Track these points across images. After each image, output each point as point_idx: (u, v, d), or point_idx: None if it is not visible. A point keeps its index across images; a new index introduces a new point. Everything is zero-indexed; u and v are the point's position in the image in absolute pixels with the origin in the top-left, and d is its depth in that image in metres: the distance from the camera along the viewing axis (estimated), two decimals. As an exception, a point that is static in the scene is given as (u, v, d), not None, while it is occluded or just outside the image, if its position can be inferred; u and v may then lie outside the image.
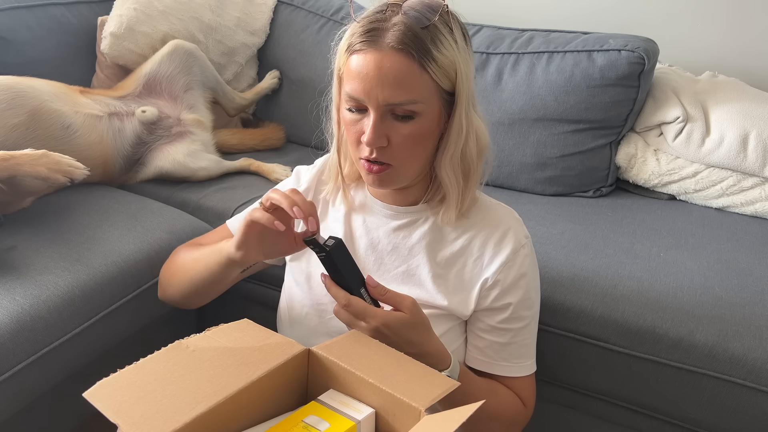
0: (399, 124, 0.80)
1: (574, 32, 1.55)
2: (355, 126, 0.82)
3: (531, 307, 0.92)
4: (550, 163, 1.52)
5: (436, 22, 0.78)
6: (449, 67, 0.80)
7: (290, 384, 0.72)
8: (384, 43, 0.77)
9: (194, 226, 1.32)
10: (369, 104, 0.79)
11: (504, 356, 0.91)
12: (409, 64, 0.77)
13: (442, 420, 0.60)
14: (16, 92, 1.25)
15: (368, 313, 0.76)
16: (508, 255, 0.88)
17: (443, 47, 0.79)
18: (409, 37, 0.77)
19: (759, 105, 1.45)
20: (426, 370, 0.71)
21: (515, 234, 0.90)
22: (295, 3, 1.81)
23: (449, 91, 0.82)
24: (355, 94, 0.79)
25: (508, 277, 0.89)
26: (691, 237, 1.33)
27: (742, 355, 1.02)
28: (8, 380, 0.97)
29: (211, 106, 1.63)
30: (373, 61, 0.77)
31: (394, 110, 0.79)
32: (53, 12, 1.61)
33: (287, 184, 1.03)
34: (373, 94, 0.78)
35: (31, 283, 1.05)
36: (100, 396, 0.60)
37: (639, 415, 1.15)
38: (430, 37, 0.78)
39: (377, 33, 0.78)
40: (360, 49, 0.78)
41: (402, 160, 0.83)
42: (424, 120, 0.81)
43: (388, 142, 0.81)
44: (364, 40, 0.78)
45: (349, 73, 0.80)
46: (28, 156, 1.10)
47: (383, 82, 0.77)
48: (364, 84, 0.78)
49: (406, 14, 0.78)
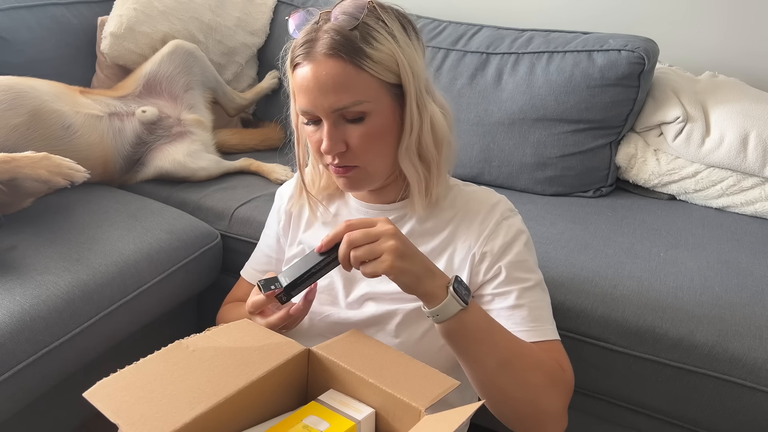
0: (352, 126, 0.81)
1: (574, 32, 1.55)
2: (314, 136, 0.84)
3: (530, 271, 0.88)
4: (550, 163, 1.52)
5: (366, 20, 0.79)
6: (388, 60, 0.80)
7: (290, 384, 0.72)
8: (316, 52, 0.79)
9: (194, 226, 1.32)
10: (318, 114, 0.81)
11: (517, 321, 0.85)
12: (343, 67, 0.78)
13: (442, 420, 0.60)
14: (16, 92, 1.25)
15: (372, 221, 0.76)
16: (491, 227, 0.88)
17: (377, 42, 0.79)
18: (337, 41, 0.78)
19: (759, 105, 1.45)
20: (426, 370, 0.71)
21: (497, 209, 0.90)
22: (295, 3, 1.81)
23: (397, 84, 0.82)
24: (303, 107, 0.82)
25: (495, 246, 0.88)
26: (691, 237, 1.33)
27: (742, 355, 1.02)
28: (8, 380, 0.97)
29: (211, 106, 1.63)
30: (311, 72, 0.79)
31: (343, 114, 0.81)
32: (53, 12, 1.61)
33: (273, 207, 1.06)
34: (318, 103, 0.80)
35: (31, 283, 1.05)
36: (100, 396, 0.60)
37: (639, 415, 1.15)
38: (361, 35, 0.79)
39: (311, 44, 0.80)
40: (299, 63, 0.81)
41: (366, 160, 0.84)
42: (377, 117, 0.82)
43: (347, 147, 0.82)
44: (300, 54, 0.80)
45: (296, 88, 0.82)
46: (29, 158, 1.10)
47: (323, 90, 0.79)
48: (308, 96, 0.80)
49: (335, 20, 0.80)
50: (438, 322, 0.76)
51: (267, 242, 1.06)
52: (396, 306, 0.89)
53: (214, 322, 1.06)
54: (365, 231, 0.74)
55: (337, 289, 0.93)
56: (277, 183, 1.50)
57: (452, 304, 0.74)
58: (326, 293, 0.94)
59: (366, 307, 0.91)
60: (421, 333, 0.89)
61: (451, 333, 0.76)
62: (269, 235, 1.06)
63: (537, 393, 0.79)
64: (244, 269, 1.09)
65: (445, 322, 0.75)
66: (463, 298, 0.74)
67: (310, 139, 0.85)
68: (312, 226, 0.99)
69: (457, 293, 0.74)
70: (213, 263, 1.35)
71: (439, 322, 0.75)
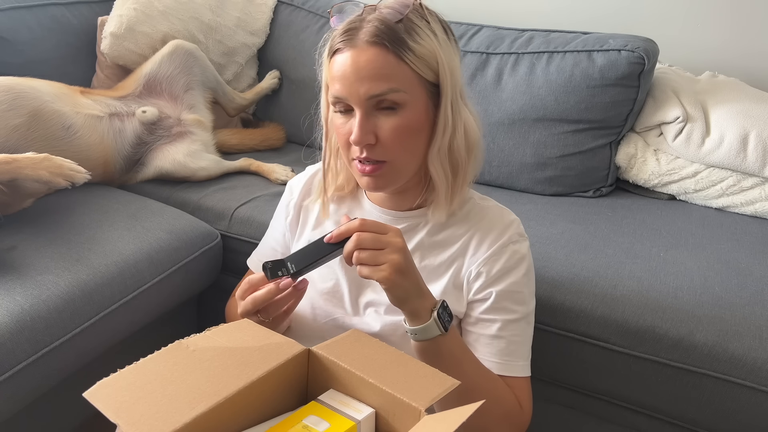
0: (384, 117, 0.81)
1: (574, 32, 1.55)
2: (344, 128, 0.83)
3: (521, 303, 0.89)
4: (550, 163, 1.52)
5: (411, 15, 0.80)
6: (429, 57, 0.81)
7: (290, 384, 0.72)
8: (359, 39, 0.79)
9: (194, 226, 1.32)
10: (352, 101, 0.80)
11: (493, 351, 0.88)
12: (384, 55, 0.79)
13: (442, 420, 0.60)
14: (17, 93, 1.25)
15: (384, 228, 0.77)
16: (494, 249, 0.88)
17: (419, 38, 0.80)
18: (381, 30, 0.79)
19: (759, 105, 1.45)
20: (426, 370, 0.71)
21: (507, 231, 0.90)
22: (295, 3, 1.81)
23: (434, 82, 0.82)
24: (338, 93, 0.81)
25: (493, 269, 0.88)
26: (691, 237, 1.33)
27: (742, 355, 1.02)
28: (8, 380, 0.97)
29: (211, 106, 1.63)
30: (350, 58, 0.79)
31: (377, 103, 0.80)
32: (53, 12, 1.61)
33: (283, 198, 1.05)
34: (354, 89, 0.79)
35: (31, 283, 1.05)
36: (100, 396, 0.60)
37: (639, 415, 1.15)
38: (405, 28, 0.80)
39: (353, 32, 0.80)
40: (338, 49, 0.81)
41: (394, 155, 0.83)
42: (410, 111, 0.81)
43: (377, 139, 0.81)
44: (342, 40, 0.80)
45: (332, 76, 0.82)
46: (30, 159, 1.10)
47: (361, 76, 0.79)
48: (344, 82, 0.80)
49: (380, 11, 0.81)
50: (415, 340, 0.79)
51: (273, 235, 1.06)
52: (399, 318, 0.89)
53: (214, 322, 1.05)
54: (375, 236, 0.75)
55: (343, 293, 0.93)
56: (277, 183, 1.50)
57: (432, 328, 0.78)
58: (332, 296, 0.93)
59: (368, 317, 0.91)
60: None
61: (424, 352, 0.80)
62: (276, 228, 1.05)
63: (489, 425, 0.84)
64: (250, 259, 1.08)
65: (422, 342, 0.79)
66: (444, 324, 0.78)
67: (339, 132, 0.84)
68: (321, 225, 0.98)
69: (440, 319, 0.78)
70: (213, 263, 1.35)
71: (416, 341, 0.79)
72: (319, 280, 0.94)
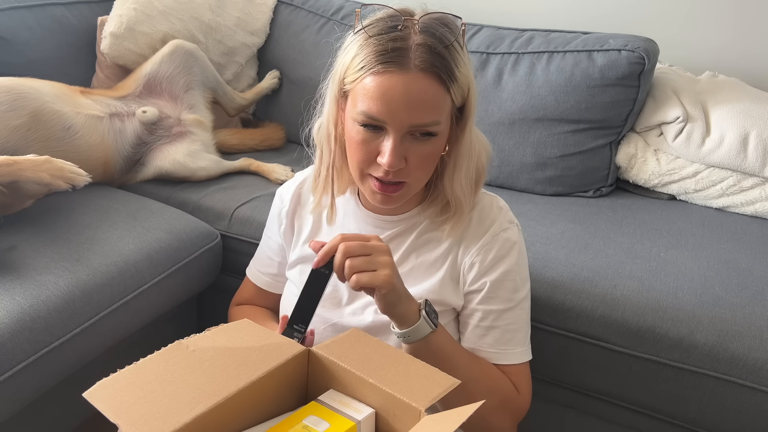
0: (418, 144, 0.78)
1: (574, 32, 1.55)
2: (368, 146, 0.79)
3: (514, 290, 0.89)
4: (550, 163, 1.52)
5: (455, 42, 0.77)
6: (464, 85, 0.79)
7: (290, 384, 0.72)
8: (411, 64, 0.74)
9: (194, 226, 1.32)
10: (390, 125, 0.76)
11: (489, 342, 0.89)
12: (436, 86, 0.75)
13: (442, 420, 0.60)
14: (17, 93, 1.25)
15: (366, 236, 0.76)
16: (485, 238, 0.88)
17: (461, 65, 0.77)
18: (436, 58, 0.75)
19: (759, 105, 1.45)
20: (426, 369, 0.71)
21: (497, 219, 0.90)
22: (295, 3, 1.81)
23: (459, 107, 0.81)
24: (376, 114, 0.76)
25: (486, 258, 0.88)
26: (691, 237, 1.33)
27: (742, 355, 1.02)
28: (8, 380, 0.97)
29: (211, 106, 1.63)
30: (401, 83, 0.74)
31: (414, 131, 0.77)
32: (53, 12, 1.61)
33: (274, 206, 1.04)
34: (399, 116, 0.75)
35: (31, 283, 1.05)
36: (100, 396, 0.60)
37: (639, 415, 1.15)
38: (451, 56, 0.76)
39: (401, 53, 0.74)
40: (383, 71, 0.75)
41: (416, 178, 0.82)
42: (441, 138, 0.80)
43: (406, 162, 0.79)
44: (388, 61, 0.74)
45: (366, 92, 0.76)
46: (31, 162, 1.10)
47: (411, 105, 0.75)
48: (389, 106, 0.75)
49: (428, 33, 0.75)
50: (407, 343, 0.80)
51: (269, 245, 1.06)
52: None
53: (214, 322, 1.05)
54: (361, 243, 0.74)
55: (342, 297, 0.93)
56: (277, 183, 1.50)
57: (423, 326, 0.78)
58: (329, 302, 0.93)
59: (367, 315, 0.91)
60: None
61: (416, 352, 0.78)
62: (270, 237, 1.05)
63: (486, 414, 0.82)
64: (249, 269, 1.09)
65: (414, 344, 0.79)
66: (432, 321, 0.79)
67: (361, 146, 0.79)
68: (318, 231, 0.98)
69: (429, 316, 0.79)
70: (213, 263, 1.35)
71: (408, 342, 0.79)
72: None
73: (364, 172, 0.82)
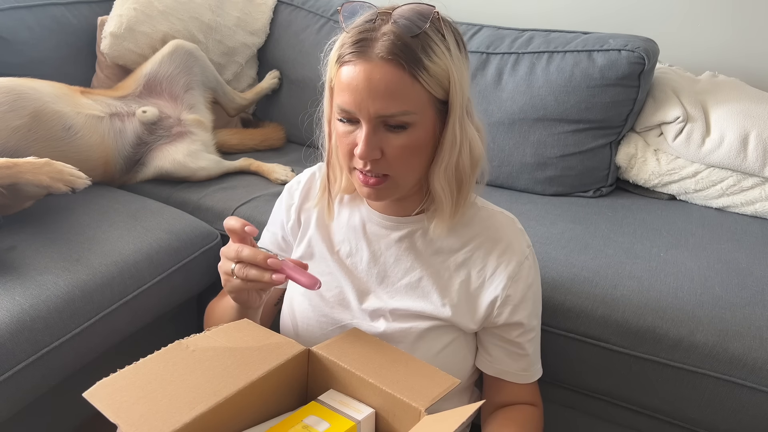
0: (392, 135, 0.78)
1: (574, 32, 1.55)
2: (347, 137, 0.80)
3: (538, 315, 0.94)
4: (550, 163, 1.52)
5: (427, 30, 0.76)
6: (442, 76, 0.77)
7: (290, 384, 0.72)
8: (373, 53, 0.75)
9: (194, 226, 1.32)
10: (360, 116, 0.77)
11: (522, 366, 0.93)
12: (400, 75, 0.75)
13: (442, 420, 0.60)
14: (18, 94, 1.25)
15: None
16: (513, 269, 0.88)
17: (435, 56, 0.76)
18: (398, 46, 0.75)
19: (759, 105, 1.45)
20: (426, 369, 0.71)
21: (518, 245, 0.89)
22: (295, 3, 1.81)
23: (443, 100, 0.80)
24: (346, 106, 0.77)
25: (518, 291, 0.88)
26: (691, 237, 1.33)
27: (742, 355, 1.02)
28: (8, 380, 0.97)
29: (211, 106, 1.63)
30: (363, 72, 0.75)
31: (386, 121, 0.78)
32: (53, 12, 1.61)
33: (281, 202, 1.03)
34: (364, 106, 0.76)
35: (31, 283, 1.05)
36: (100, 396, 0.60)
37: (639, 415, 1.15)
38: (421, 45, 0.76)
39: (366, 43, 0.76)
40: (349, 60, 0.76)
41: (398, 171, 0.81)
42: (418, 130, 0.79)
43: (382, 154, 0.79)
44: (354, 51, 0.76)
45: (339, 84, 0.78)
46: (31, 164, 1.10)
47: (374, 94, 0.75)
48: (354, 96, 0.76)
49: (395, 23, 0.76)
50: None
51: (271, 239, 1.04)
52: (410, 324, 0.88)
53: (214, 322, 1.06)
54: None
55: (349, 299, 0.92)
56: (277, 183, 1.50)
57: None
58: (338, 303, 0.93)
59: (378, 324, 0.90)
60: (435, 352, 0.89)
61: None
62: (274, 233, 1.03)
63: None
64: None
65: None
66: None
67: (342, 140, 0.81)
68: (322, 226, 0.97)
69: None
70: (213, 263, 1.35)
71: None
72: (324, 289, 0.93)
73: (350, 167, 0.83)
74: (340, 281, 0.92)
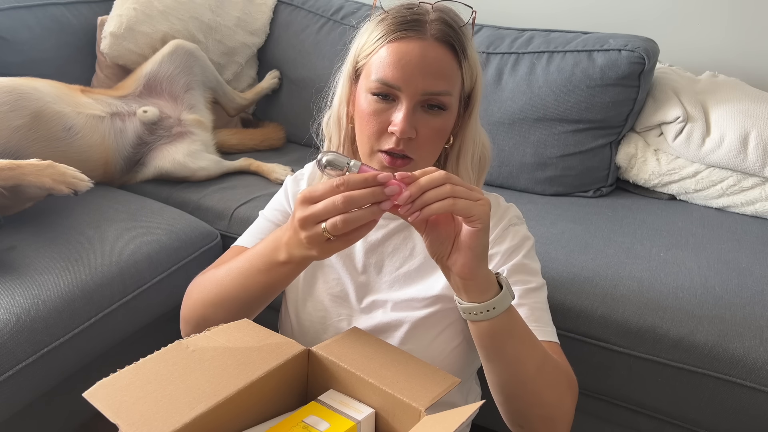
0: (428, 116, 0.80)
1: (574, 32, 1.55)
2: (379, 116, 0.79)
3: (534, 274, 0.87)
4: (550, 163, 1.52)
5: (467, 26, 0.82)
6: (474, 68, 0.82)
7: (290, 384, 0.72)
8: (428, 33, 0.78)
9: (194, 226, 1.32)
10: (404, 92, 0.78)
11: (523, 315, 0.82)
12: (450, 58, 0.79)
13: (442, 420, 0.60)
14: (19, 94, 1.25)
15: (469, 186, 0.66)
16: (497, 232, 0.89)
17: (471, 50, 0.82)
18: (451, 32, 0.79)
19: (759, 105, 1.45)
20: (426, 369, 0.71)
21: (505, 216, 0.91)
22: (295, 3, 1.81)
23: (467, 93, 0.84)
24: (391, 81, 0.77)
25: (501, 249, 0.88)
26: (692, 237, 1.33)
27: (742, 355, 1.02)
28: (8, 380, 0.97)
29: (211, 106, 1.63)
30: (418, 49, 0.77)
31: (429, 100, 0.79)
32: (53, 12, 1.61)
33: (279, 197, 1.00)
34: (413, 81, 0.77)
35: (31, 283, 1.05)
36: (100, 396, 0.60)
37: (639, 415, 1.15)
38: (465, 37, 0.81)
39: (419, 23, 0.79)
40: (403, 37, 0.78)
41: (423, 155, 0.82)
42: (450, 116, 0.82)
43: (416, 134, 0.80)
44: (407, 29, 0.78)
45: (383, 60, 0.78)
46: (34, 166, 1.10)
47: (426, 70, 0.77)
48: (404, 71, 0.77)
49: (443, 11, 0.81)
50: (486, 319, 0.68)
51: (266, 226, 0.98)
52: (404, 314, 0.89)
53: (214, 322, 1.05)
54: (468, 190, 0.65)
55: (350, 297, 0.92)
56: (277, 183, 1.50)
57: (507, 295, 0.69)
58: (341, 299, 0.93)
59: (375, 314, 0.91)
60: (428, 341, 0.88)
61: (498, 331, 0.69)
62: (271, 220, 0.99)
63: (562, 396, 0.77)
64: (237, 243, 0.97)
65: (497, 318, 0.68)
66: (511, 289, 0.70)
67: (371, 119, 0.79)
68: None
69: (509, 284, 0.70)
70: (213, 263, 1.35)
71: (489, 318, 0.68)
72: (323, 281, 0.93)
73: (374, 149, 0.82)
74: (340, 273, 0.93)
